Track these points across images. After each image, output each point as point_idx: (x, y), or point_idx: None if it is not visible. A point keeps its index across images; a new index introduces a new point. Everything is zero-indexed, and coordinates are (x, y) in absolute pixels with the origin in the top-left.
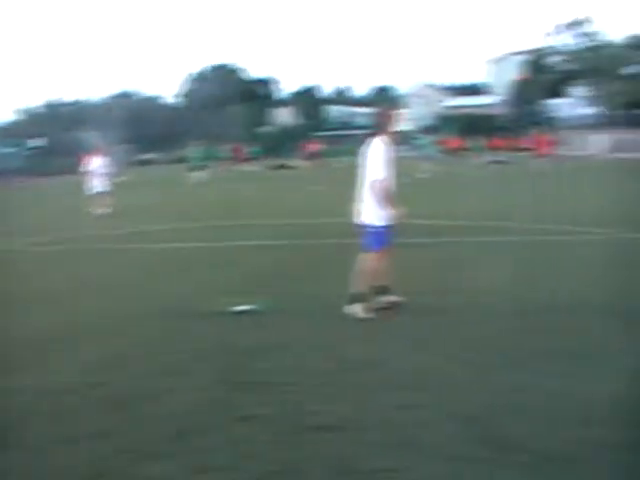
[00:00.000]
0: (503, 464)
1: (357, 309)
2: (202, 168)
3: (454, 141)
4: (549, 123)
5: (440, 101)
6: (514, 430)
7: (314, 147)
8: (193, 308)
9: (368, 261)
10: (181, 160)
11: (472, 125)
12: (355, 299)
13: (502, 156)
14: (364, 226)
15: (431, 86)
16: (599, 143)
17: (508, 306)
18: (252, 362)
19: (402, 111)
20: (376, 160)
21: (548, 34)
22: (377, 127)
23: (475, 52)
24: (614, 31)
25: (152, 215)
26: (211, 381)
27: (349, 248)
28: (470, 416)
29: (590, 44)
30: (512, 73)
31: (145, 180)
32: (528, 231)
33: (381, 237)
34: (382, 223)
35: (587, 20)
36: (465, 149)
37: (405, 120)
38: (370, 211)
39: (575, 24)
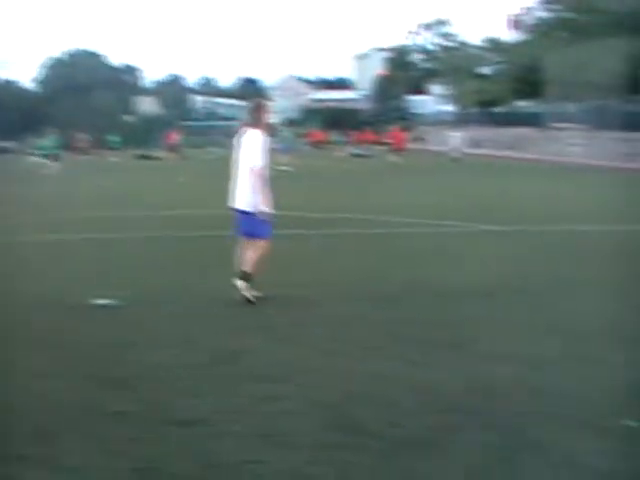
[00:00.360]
0: (361, 450)
1: (244, 287)
2: (54, 158)
3: (318, 134)
4: (410, 119)
5: (306, 94)
6: (373, 417)
7: (175, 138)
8: (54, 302)
9: (260, 248)
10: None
11: (336, 119)
12: (245, 278)
13: (364, 150)
14: (242, 213)
15: (298, 79)
16: (455, 139)
17: (366, 297)
18: (119, 357)
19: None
20: (255, 149)
21: (410, 33)
22: (252, 119)
23: (342, 47)
24: (471, 33)
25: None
26: (76, 377)
27: (218, 240)
28: (332, 404)
29: (448, 44)
30: (376, 69)
31: None
32: (383, 223)
33: (259, 224)
34: (256, 210)
35: (446, 21)
36: (329, 142)
37: (271, 112)
38: (249, 198)
39: (435, 24)
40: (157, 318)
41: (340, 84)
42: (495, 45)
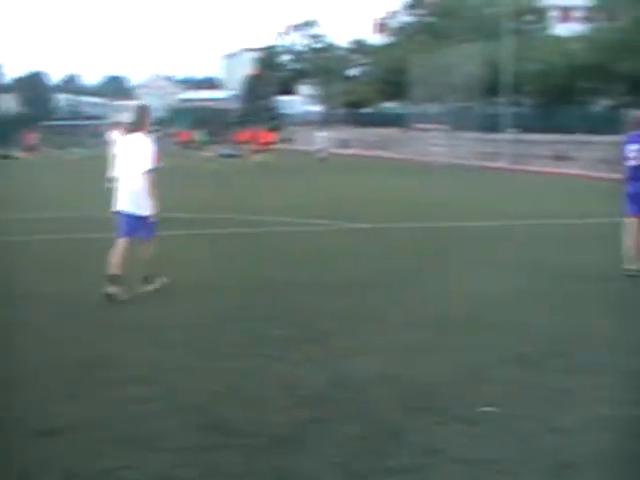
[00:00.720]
0: (229, 450)
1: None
2: None
3: (186, 134)
4: (279, 119)
5: (174, 94)
6: (240, 415)
7: (33, 137)
8: None
9: (148, 249)
10: None
11: (205, 119)
12: (113, 281)
13: (233, 149)
14: (128, 215)
15: (165, 78)
16: (322, 139)
17: (233, 296)
18: None
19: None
20: (144, 152)
21: (279, 33)
22: (136, 122)
23: (210, 47)
24: (339, 35)
25: None
26: None
27: (81, 243)
28: (199, 405)
29: (316, 46)
30: (245, 69)
31: None
32: (253, 222)
33: (150, 226)
34: (148, 212)
35: (314, 23)
36: (197, 142)
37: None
38: (138, 201)
39: (304, 26)
40: (25, 320)
41: (208, 83)
42: (362, 47)
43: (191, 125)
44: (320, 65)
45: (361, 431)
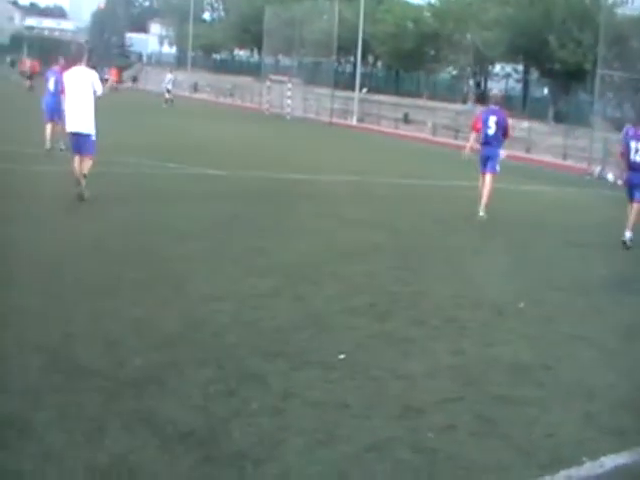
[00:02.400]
0: (86, 391)
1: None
2: None
3: (32, 63)
4: (128, 56)
5: (13, 19)
6: (97, 357)
7: None
8: None
9: (90, 162)
10: None
11: (50, 50)
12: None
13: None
14: (85, 135)
15: (11, 2)
16: (170, 81)
17: (85, 239)
18: None
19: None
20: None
21: None
22: (75, 57)
23: None
24: None
25: None
26: None
27: None
28: (53, 348)
29: None
30: (95, 1)
31: None
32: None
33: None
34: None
35: None
36: (41, 73)
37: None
38: (89, 123)
39: None
40: None
41: (54, 12)
42: None
43: (35, 55)
44: (174, 5)
45: (219, 375)
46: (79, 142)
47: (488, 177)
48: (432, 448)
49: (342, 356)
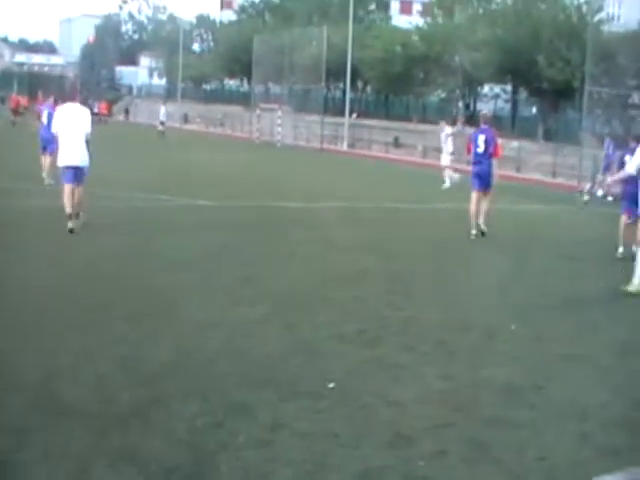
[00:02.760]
0: (71, 429)
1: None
2: None
3: (21, 99)
4: (119, 89)
5: (3, 56)
6: (82, 395)
7: None
8: None
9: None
10: None
11: (40, 85)
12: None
13: None
14: (82, 168)
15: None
16: (162, 113)
17: (70, 271)
18: None
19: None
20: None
21: (121, 1)
22: (70, 94)
23: (47, 9)
24: (183, 8)
25: None
26: None
27: None
28: (29, 384)
29: (159, 17)
30: (83, 35)
31: None
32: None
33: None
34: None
35: None
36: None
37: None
38: (85, 156)
39: None
40: None
41: (44, 47)
42: (206, 22)
43: (24, 91)
44: (163, 37)
45: (207, 407)
46: (76, 174)
47: (486, 196)
48: (423, 476)
49: (331, 385)
